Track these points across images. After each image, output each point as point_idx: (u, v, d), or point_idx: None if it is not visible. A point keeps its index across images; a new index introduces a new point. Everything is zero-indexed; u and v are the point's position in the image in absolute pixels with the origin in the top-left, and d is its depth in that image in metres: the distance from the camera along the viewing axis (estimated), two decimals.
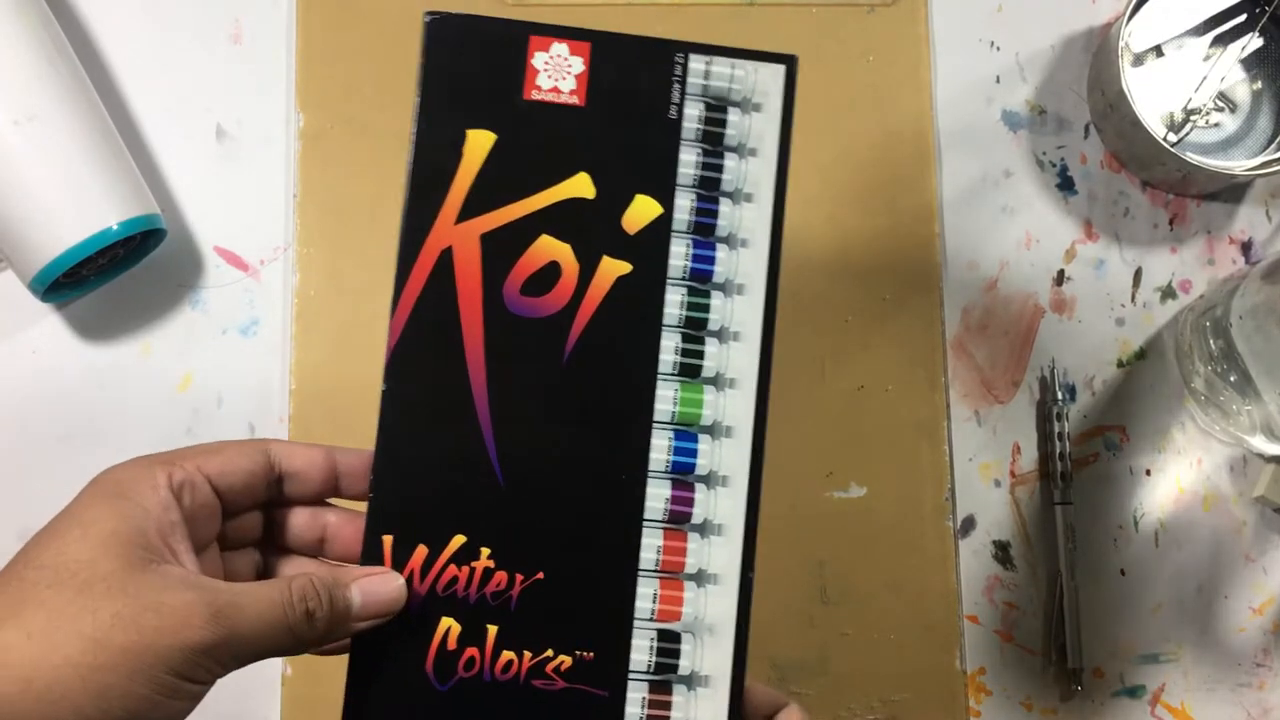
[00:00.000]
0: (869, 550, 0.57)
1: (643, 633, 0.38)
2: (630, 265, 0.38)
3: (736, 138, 0.39)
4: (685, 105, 0.38)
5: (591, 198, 0.38)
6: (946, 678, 0.57)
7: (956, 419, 0.58)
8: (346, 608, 0.35)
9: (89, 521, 0.33)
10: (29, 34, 0.53)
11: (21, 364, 0.58)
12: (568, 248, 0.38)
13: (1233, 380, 0.55)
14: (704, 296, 0.38)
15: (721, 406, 0.38)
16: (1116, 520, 0.58)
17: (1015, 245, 0.60)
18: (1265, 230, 0.60)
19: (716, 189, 0.39)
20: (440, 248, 0.38)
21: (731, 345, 0.39)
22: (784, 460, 0.58)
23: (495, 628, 0.37)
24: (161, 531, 0.34)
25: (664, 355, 0.38)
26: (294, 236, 0.59)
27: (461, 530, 0.37)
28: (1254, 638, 0.58)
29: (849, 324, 0.59)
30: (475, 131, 0.38)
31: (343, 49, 0.60)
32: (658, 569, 0.38)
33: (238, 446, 0.38)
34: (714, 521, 0.38)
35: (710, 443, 0.38)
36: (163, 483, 0.35)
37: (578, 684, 0.38)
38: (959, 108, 0.61)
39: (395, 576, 0.37)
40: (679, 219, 0.38)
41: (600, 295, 0.38)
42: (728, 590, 0.38)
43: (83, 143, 0.53)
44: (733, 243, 0.39)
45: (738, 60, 0.38)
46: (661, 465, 0.38)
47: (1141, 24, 0.59)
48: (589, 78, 0.38)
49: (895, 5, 0.61)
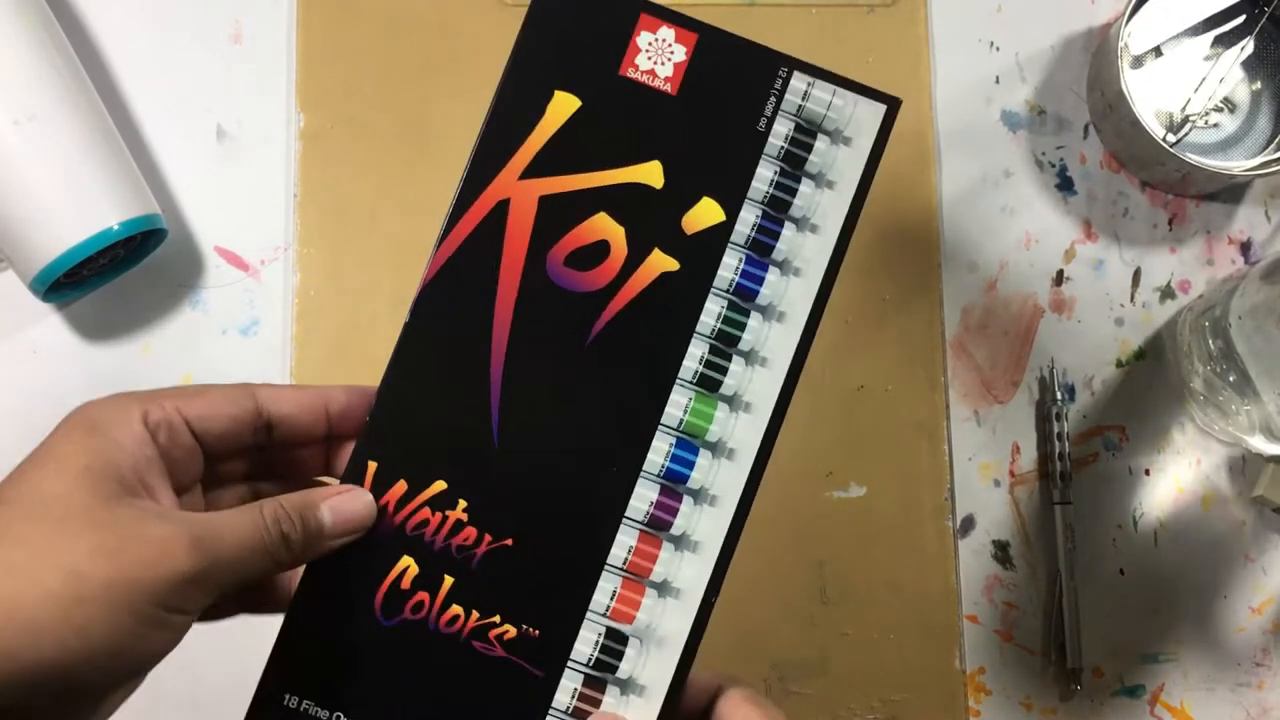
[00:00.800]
0: (869, 550, 0.57)
1: (592, 625, 0.37)
2: (679, 264, 0.38)
3: (819, 165, 0.38)
4: (776, 121, 0.38)
5: (659, 188, 0.38)
6: (946, 678, 0.57)
7: (956, 419, 0.58)
8: (319, 527, 0.35)
9: (63, 456, 0.33)
10: (29, 34, 0.53)
11: (21, 364, 0.58)
12: (622, 231, 0.37)
13: (1232, 380, 0.55)
14: (743, 314, 0.38)
15: (731, 427, 0.38)
16: (1116, 520, 0.58)
17: (1015, 245, 0.60)
18: (1264, 230, 0.61)
19: (785, 211, 0.38)
20: (499, 198, 0.37)
21: (757, 369, 0.38)
22: (784, 460, 0.58)
23: (451, 579, 0.37)
24: (137, 467, 0.34)
25: (688, 361, 0.38)
26: (294, 236, 0.59)
27: (444, 477, 0.37)
28: (1253, 637, 0.58)
29: (849, 324, 0.59)
30: (562, 94, 0.37)
31: (343, 49, 0.60)
32: (624, 568, 0.38)
33: (223, 391, 0.37)
34: (692, 537, 0.38)
35: (710, 459, 0.38)
36: (137, 417, 0.35)
37: (516, 657, 0.37)
38: (959, 108, 0.61)
39: (363, 493, 0.37)
40: (739, 231, 0.38)
41: (642, 285, 0.38)
42: (687, 607, 0.38)
43: (83, 143, 0.53)
44: (786, 269, 0.38)
45: (840, 89, 0.38)
46: (656, 468, 0.38)
47: (1141, 24, 0.59)
48: (688, 68, 0.38)
49: (895, 5, 0.61)
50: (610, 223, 0.38)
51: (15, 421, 0.57)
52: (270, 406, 0.38)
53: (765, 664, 0.56)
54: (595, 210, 0.38)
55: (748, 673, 0.56)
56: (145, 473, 0.34)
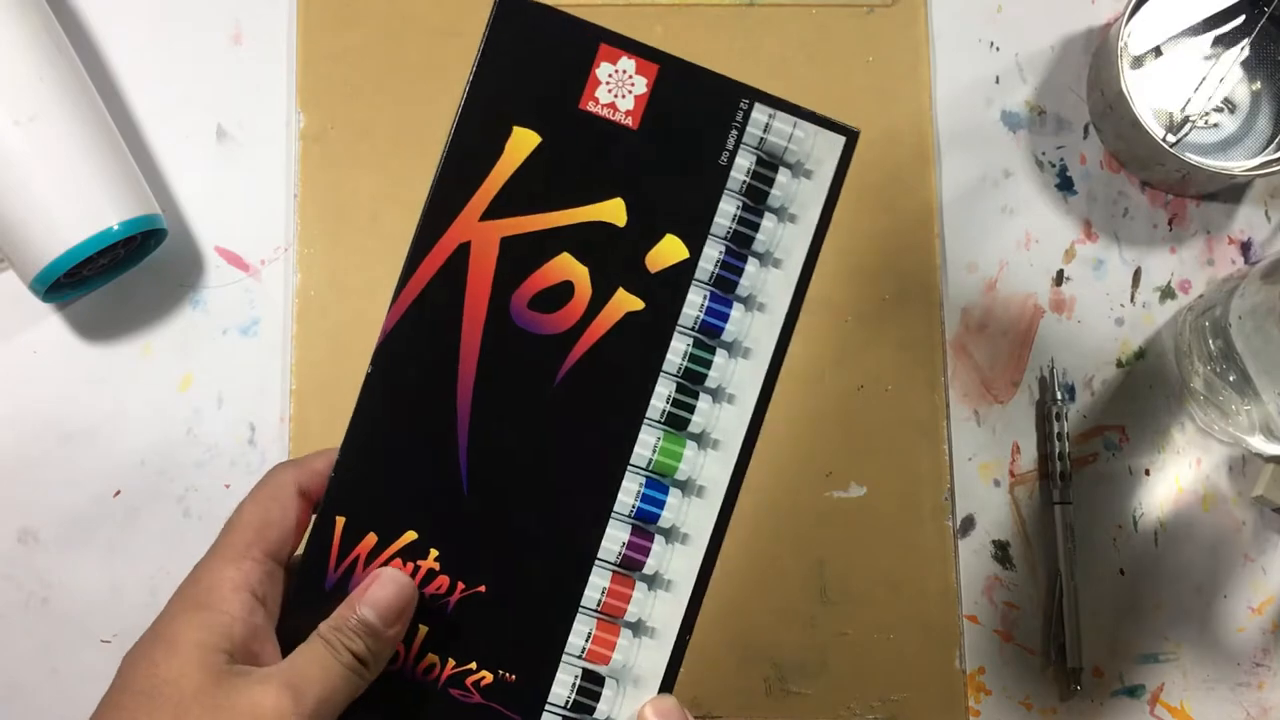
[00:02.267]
0: (869, 550, 0.57)
1: (569, 668, 0.38)
2: (644, 303, 0.37)
3: (781, 199, 0.38)
4: (738, 154, 0.37)
5: (621, 225, 0.37)
6: (946, 677, 0.57)
7: (956, 419, 0.58)
8: (371, 628, 0.36)
9: (174, 638, 0.35)
10: (29, 34, 0.53)
11: (22, 364, 0.58)
12: (586, 271, 0.37)
13: (1232, 380, 0.55)
14: (709, 351, 0.38)
15: (700, 465, 0.38)
16: (1116, 520, 0.58)
17: (1015, 245, 0.60)
18: (1264, 230, 0.61)
19: (748, 246, 0.37)
20: (459, 241, 0.37)
21: (724, 407, 0.38)
22: (784, 460, 0.58)
23: (426, 629, 0.37)
24: (246, 637, 0.35)
25: (655, 400, 0.37)
26: (294, 236, 0.59)
27: (414, 527, 0.37)
28: (1253, 637, 0.58)
29: (849, 324, 0.59)
30: (521, 130, 0.37)
31: (343, 49, 0.60)
32: (598, 609, 0.38)
33: (277, 502, 0.37)
34: (665, 576, 0.38)
35: (680, 498, 0.38)
36: (242, 585, 0.36)
37: (494, 702, 0.37)
38: (959, 108, 0.61)
39: (388, 572, 0.37)
40: (703, 268, 0.37)
41: (607, 326, 0.37)
42: (662, 646, 0.38)
43: (83, 143, 0.53)
44: (750, 304, 0.38)
45: (801, 121, 0.37)
46: (626, 509, 0.37)
47: (1141, 25, 0.59)
48: (649, 101, 0.37)
49: (895, 5, 0.61)
50: (574, 263, 0.37)
51: (16, 422, 0.57)
52: (313, 489, 0.38)
53: (765, 664, 0.56)
54: (558, 251, 0.37)
55: (748, 673, 0.56)
56: (254, 641, 0.35)
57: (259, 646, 0.35)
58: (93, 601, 0.56)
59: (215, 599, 0.35)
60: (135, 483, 0.57)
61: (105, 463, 0.57)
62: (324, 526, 0.37)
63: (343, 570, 0.37)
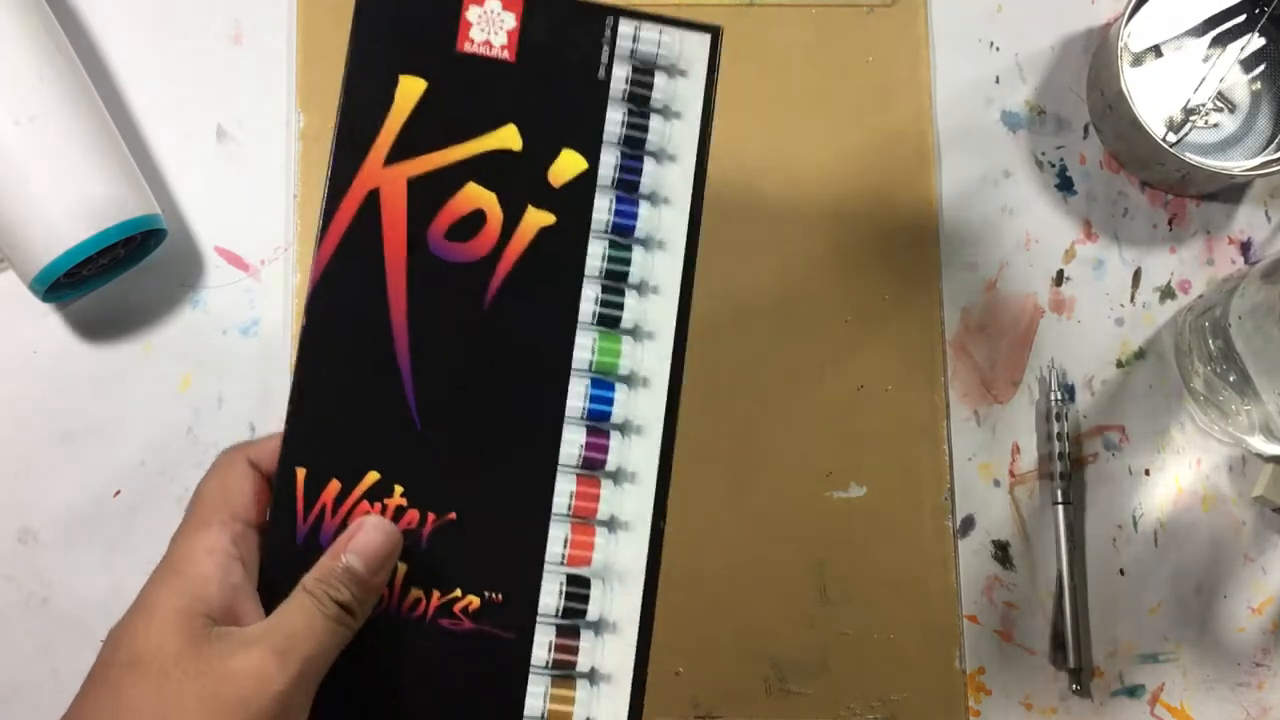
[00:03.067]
0: (869, 550, 0.57)
1: (552, 576, 0.38)
2: (554, 216, 0.39)
3: (662, 100, 0.39)
4: (614, 66, 0.39)
5: (518, 150, 0.38)
6: (946, 677, 0.57)
7: (956, 419, 0.58)
8: (357, 575, 0.36)
9: (152, 606, 0.35)
10: (29, 34, 0.53)
11: (21, 364, 0.58)
12: (493, 196, 0.38)
13: (1232, 380, 0.55)
14: (625, 250, 0.39)
15: (639, 357, 0.39)
16: (1116, 520, 0.58)
17: (1015, 245, 0.60)
18: (1264, 230, 0.61)
19: (641, 148, 0.39)
20: (367, 189, 0.38)
21: (651, 298, 0.39)
22: (784, 460, 0.58)
23: (404, 566, 0.38)
24: (225, 597, 0.35)
25: (584, 305, 0.39)
26: (294, 236, 0.59)
27: (375, 467, 0.38)
28: (1253, 637, 0.58)
29: (849, 324, 0.59)
30: (407, 77, 0.38)
31: (343, 49, 0.60)
32: (570, 514, 0.38)
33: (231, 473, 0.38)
34: (627, 469, 0.39)
35: (626, 392, 0.39)
36: (217, 546, 0.36)
37: (485, 625, 0.38)
38: (959, 108, 0.61)
39: (371, 519, 0.37)
40: (604, 174, 0.39)
41: (524, 244, 0.39)
42: (639, 538, 0.39)
43: (83, 143, 0.53)
44: (655, 200, 0.39)
45: (665, 27, 0.39)
46: (577, 412, 0.39)
47: (1141, 24, 0.59)
48: (520, 34, 0.39)
49: (895, 5, 0.61)
50: (481, 191, 0.38)
51: (15, 421, 0.57)
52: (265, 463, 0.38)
53: (765, 664, 0.56)
54: (464, 182, 0.38)
55: (748, 673, 0.56)
56: (234, 600, 0.35)
57: (240, 605, 0.35)
58: (93, 601, 0.56)
59: (188, 564, 0.35)
60: (135, 483, 0.57)
61: (105, 463, 0.57)
62: (286, 481, 0.38)
63: (311, 521, 0.38)
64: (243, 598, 0.36)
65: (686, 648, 0.56)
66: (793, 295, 0.58)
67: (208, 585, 0.35)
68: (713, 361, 0.58)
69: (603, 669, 0.38)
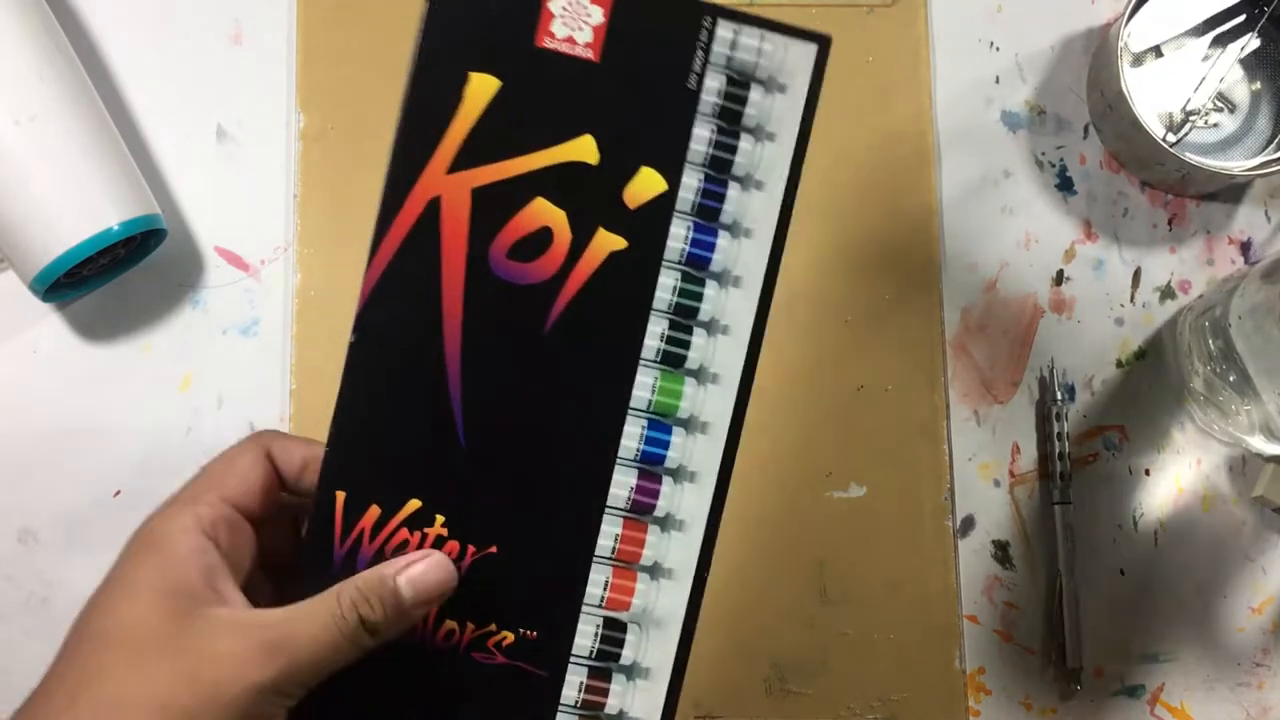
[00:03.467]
0: (869, 550, 0.57)
1: (589, 618, 0.37)
2: (626, 241, 0.36)
3: (756, 118, 0.36)
4: (706, 76, 0.36)
5: (594, 164, 0.36)
6: (946, 677, 0.57)
7: (956, 419, 0.58)
8: (399, 603, 0.35)
9: (131, 581, 0.34)
10: (29, 34, 0.53)
11: (22, 364, 0.58)
12: (563, 214, 0.36)
13: (1232, 380, 0.55)
14: (698, 284, 0.37)
15: (700, 401, 0.37)
16: (1116, 520, 0.58)
17: (1015, 245, 0.60)
18: (1264, 230, 0.61)
19: (727, 171, 0.36)
20: (428, 197, 0.35)
21: (720, 339, 0.37)
22: (784, 460, 0.58)
23: None
24: (204, 576, 0.34)
25: (649, 340, 0.36)
26: (294, 236, 0.59)
27: (418, 495, 0.36)
28: (1253, 637, 0.58)
29: (849, 324, 0.59)
30: (479, 75, 0.35)
31: (343, 49, 0.60)
32: (613, 557, 0.37)
33: (242, 458, 0.37)
34: (676, 517, 0.37)
35: (684, 436, 0.37)
36: (192, 526, 0.35)
37: (518, 661, 0.37)
38: (959, 108, 0.61)
39: (439, 557, 0.36)
40: (684, 198, 0.36)
41: (591, 269, 0.36)
42: (681, 587, 0.37)
43: (83, 143, 0.53)
44: (736, 231, 0.36)
45: (768, 33, 0.36)
46: (631, 453, 0.37)
47: (1141, 24, 0.59)
48: (608, 30, 0.35)
49: (895, 5, 0.61)
50: (549, 207, 0.36)
51: (16, 422, 0.57)
52: (286, 462, 0.38)
53: (765, 664, 0.56)
54: (532, 196, 0.35)
55: (748, 673, 0.56)
56: (212, 579, 0.34)
57: (219, 586, 0.34)
58: None
59: (165, 540, 0.35)
60: (135, 483, 0.57)
61: (105, 463, 0.57)
62: (325, 503, 0.36)
63: (349, 546, 0.36)
64: (221, 579, 0.35)
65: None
66: (793, 295, 0.58)
67: (185, 564, 0.34)
68: None
69: (631, 712, 0.38)
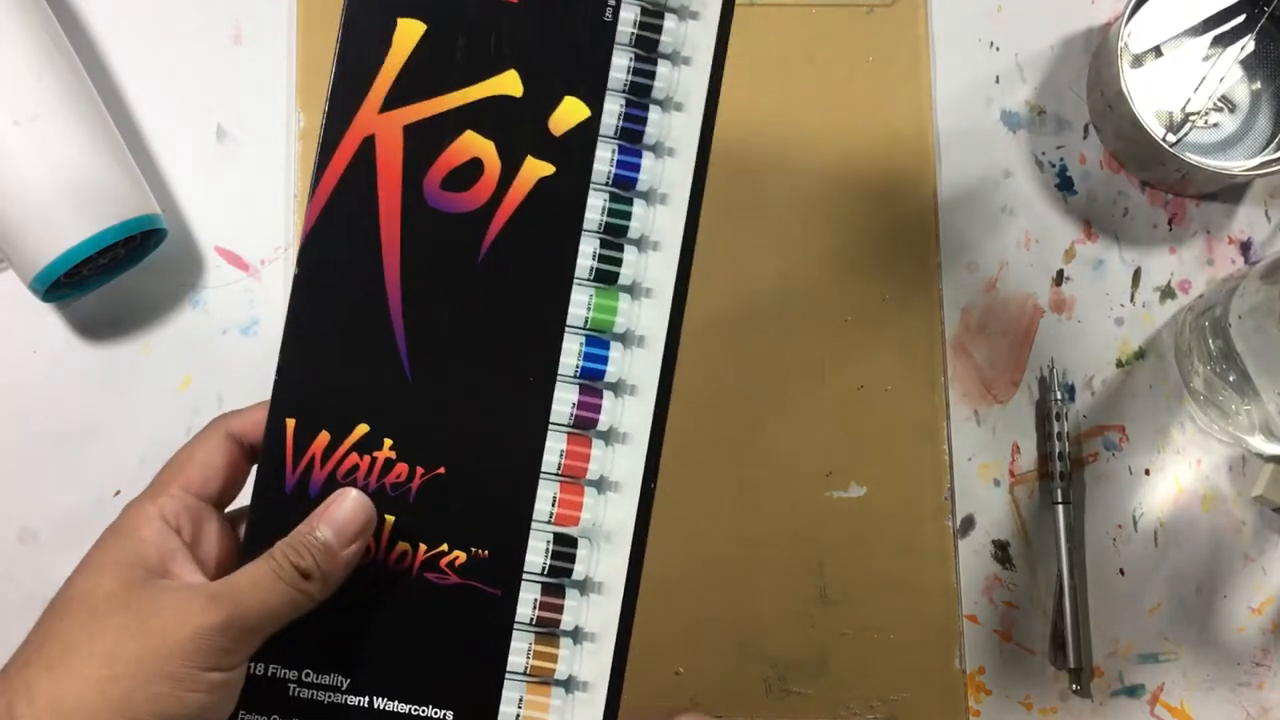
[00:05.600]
0: (869, 550, 0.57)
1: (539, 535, 0.38)
2: (554, 167, 0.38)
3: (672, 44, 0.38)
4: (621, 9, 0.38)
5: (519, 96, 0.37)
6: (946, 677, 0.57)
7: (956, 419, 0.58)
8: (325, 546, 0.36)
9: (95, 561, 0.36)
10: (29, 34, 0.53)
11: (22, 364, 0.58)
12: (491, 145, 0.37)
13: (1232, 380, 0.55)
14: (626, 204, 0.38)
15: (636, 316, 0.38)
16: (1116, 520, 0.58)
17: (1015, 245, 0.60)
18: (1264, 230, 0.61)
19: (647, 95, 0.38)
20: (363, 135, 0.37)
21: (651, 254, 0.38)
22: (784, 460, 0.58)
23: (392, 518, 0.38)
24: (162, 557, 0.36)
25: (581, 260, 0.38)
26: (294, 236, 0.59)
27: (365, 419, 0.37)
28: (1253, 637, 0.58)
29: (849, 324, 0.59)
30: (406, 20, 0.37)
31: None
32: (559, 473, 0.38)
33: (203, 445, 0.38)
34: (620, 430, 0.38)
35: (621, 351, 0.38)
36: (155, 514, 0.36)
37: (471, 580, 0.38)
38: (959, 108, 0.61)
39: (348, 493, 0.37)
40: (607, 123, 0.38)
41: (521, 195, 0.38)
42: (628, 499, 0.38)
43: (83, 143, 0.53)
44: (659, 151, 0.38)
45: None
46: (571, 370, 0.38)
47: (1141, 24, 0.59)
48: None
49: (895, 5, 0.61)
50: (478, 139, 0.37)
51: (16, 421, 0.57)
52: (249, 436, 0.39)
53: (765, 664, 0.56)
54: (461, 129, 0.37)
55: (748, 673, 0.56)
56: (169, 560, 0.36)
57: (176, 567, 0.36)
58: None
59: (129, 528, 0.36)
60: (135, 483, 0.57)
61: (105, 463, 0.57)
62: (275, 431, 0.37)
63: (300, 472, 0.38)
64: (180, 561, 0.36)
65: (686, 648, 0.56)
66: (793, 295, 0.58)
67: (146, 545, 0.35)
68: (713, 361, 0.58)
69: (587, 628, 0.38)
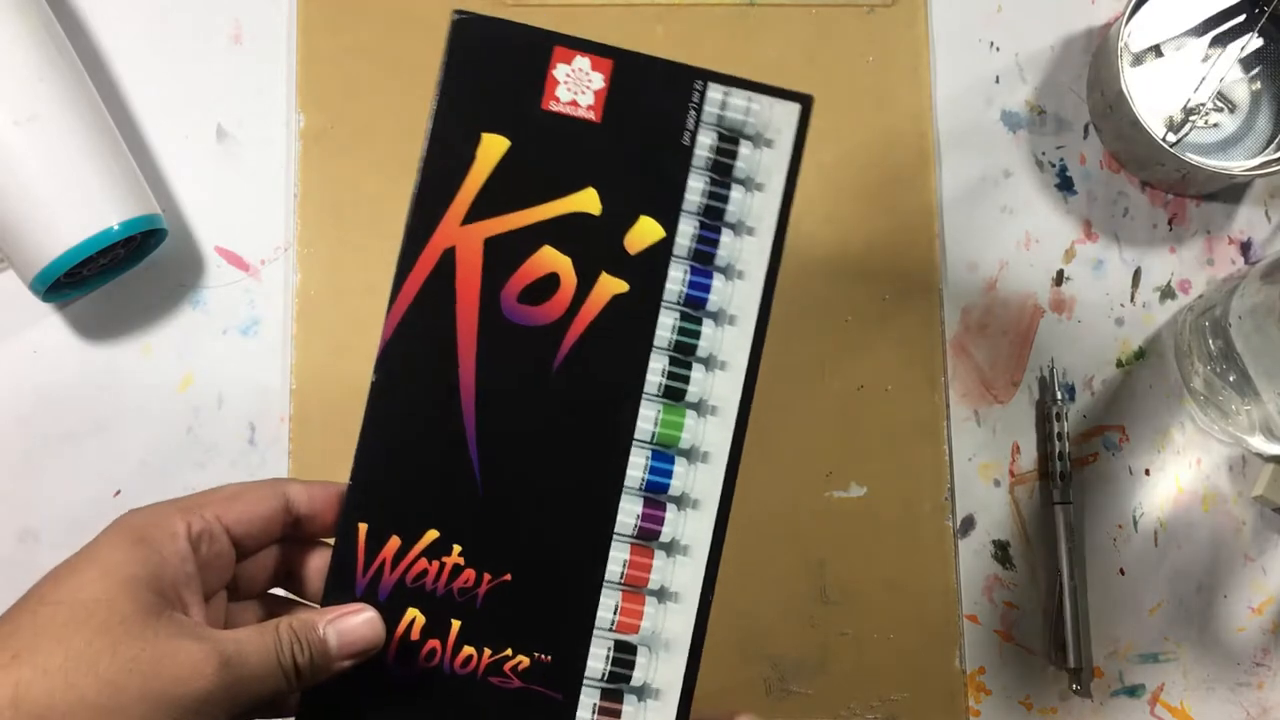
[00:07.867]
0: (869, 550, 0.57)
1: (601, 641, 0.39)
2: (627, 284, 0.39)
3: (745, 171, 0.39)
4: (699, 133, 0.39)
5: (597, 214, 0.39)
6: (946, 677, 0.57)
7: (956, 419, 0.58)
8: (324, 650, 0.36)
9: (109, 563, 0.34)
10: (29, 34, 0.53)
11: (22, 364, 0.58)
12: (568, 260, 0.38)
13: (1232, 380, 0.55)
14: (695, 323, 0.39)
15: (701, 432, 0.39)
16: (1116, 520, 0.58)
17: (1015, 245, 0.60)
18: (1264, 230, 0.61)
19: (720, 219, 0.39)
20: (444, 247, 0.38)
21: (717, 374, 0.39)
22: (784, 460, 0.58)
23: (459, 623, 0.38)
24: (176, 581, 0.35)
25: (650, 376, 0.39)
26: (294, 236, 0.59)
27: (435, 525, 0.38)
28: (1253, 637, 0.58)
29: (849, 324, 0.59)
30: (490, 135, 0.38)
31: (343, 49, 0.60)
32: (622, 582, 0.39)
33: (256, 491, 0.38)
34: (681, 542, 0.39)
35: (686, 465, 0.39)
36: (182, 532, 0.36)
37: (533, 684, 0.39)
38: (959, 108, 0.61)
39: (368, 611, 0.37)
40: (680, 244, 0.39)
41: (595, 311, 0.39)
42: (687, 609, 0.39)
43: (83, 143, 0.53)
44: (730, 273, 0.39)
45: (755, 94, 0.39)
46: (636, 483, 0.39)
47: (1141, 24, 0.59)
48: (608, 95, 0.38)
49: (895, 5, 0.61)
50: (556, 254, 0.38)
51: (16, 421, 0.57)
52: (299, 505, 0.39)
53: (765, 664, 0.56)
54: (540, 244, 0.38)
55: (748, 673, 0.56)
56: (183, 587, 0.35)
57: (187, 598, 0.35)
58: None
59: (155, 537, 0.35)
60: (135, 483, 0.57)
61: (105, 463, 0.57)
62: (347, 534, 0.38)
63: (370, 575, 0.38)
64: (191, 590, 0.36)
65: None
66: (793, 295, 0.58)
67: (167, 565, 0.35)
68: None
69: None
